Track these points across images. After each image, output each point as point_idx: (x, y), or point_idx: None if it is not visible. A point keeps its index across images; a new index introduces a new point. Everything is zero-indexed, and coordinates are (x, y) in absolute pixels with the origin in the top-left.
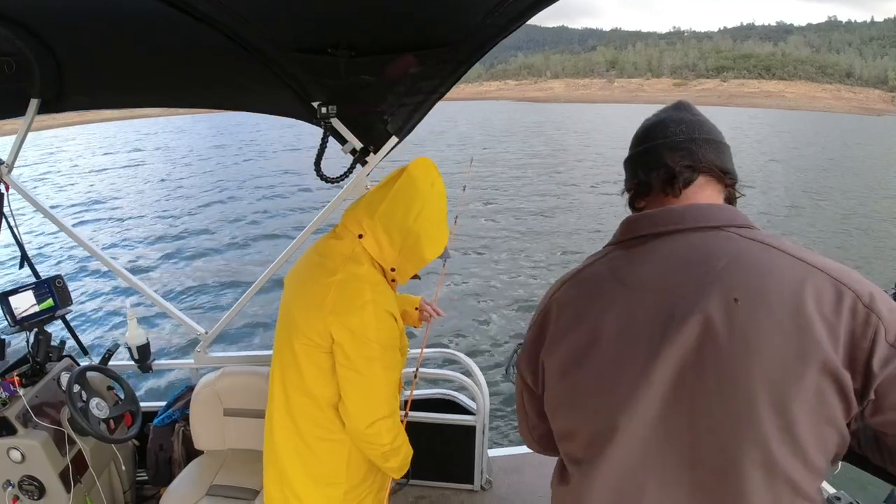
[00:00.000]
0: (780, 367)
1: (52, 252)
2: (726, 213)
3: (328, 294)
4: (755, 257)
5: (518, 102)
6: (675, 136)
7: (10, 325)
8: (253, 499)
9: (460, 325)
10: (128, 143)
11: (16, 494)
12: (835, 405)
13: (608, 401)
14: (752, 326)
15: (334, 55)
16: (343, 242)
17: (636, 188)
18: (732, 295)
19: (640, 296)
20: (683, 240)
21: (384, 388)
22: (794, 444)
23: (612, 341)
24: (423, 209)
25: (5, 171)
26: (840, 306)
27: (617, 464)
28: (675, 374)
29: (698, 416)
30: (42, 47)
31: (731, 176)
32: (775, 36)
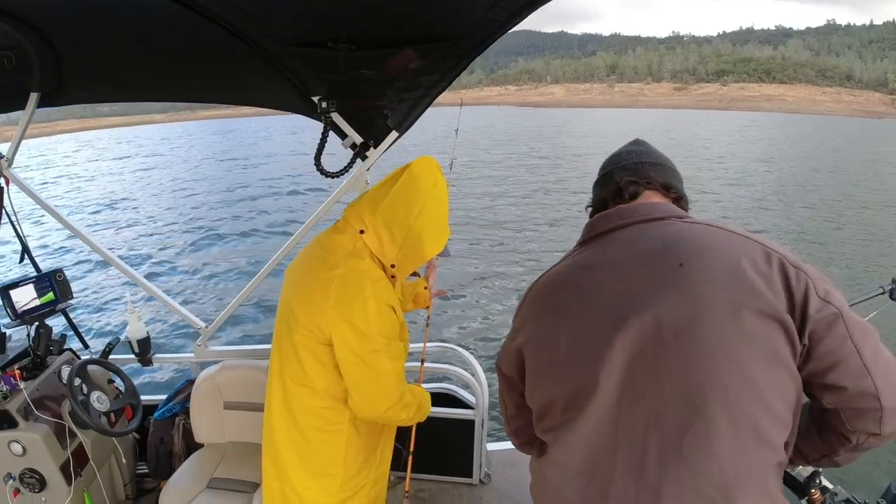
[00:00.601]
0: (725, 315)
1: (53, 246)
2: (668, 208)
3: (329, 289)
4: (694, 233)
5: (520, 108)
6: (626, 161)
7: (11, 318)
8: (253, 492)
9: (460, 320)
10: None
11: (17, 487)
12: (780, 344)
13: (581, 364)
14: (695, 285)
15: (334, 49)
16: (344, 237)
17: (595, 205)
18: (678, 261)
19: (601, 272)
20: (635, 229)
21: (393, 376)
22: (745, 377)
23: (581, 313)
24: (424, 207)
25: (5, 165)
26: (770, 264)
27: (591, 422)
28: (637, 336)
29: (660, 370)
30: (42, 41)
31: (675, 191)
32: (775, 40)
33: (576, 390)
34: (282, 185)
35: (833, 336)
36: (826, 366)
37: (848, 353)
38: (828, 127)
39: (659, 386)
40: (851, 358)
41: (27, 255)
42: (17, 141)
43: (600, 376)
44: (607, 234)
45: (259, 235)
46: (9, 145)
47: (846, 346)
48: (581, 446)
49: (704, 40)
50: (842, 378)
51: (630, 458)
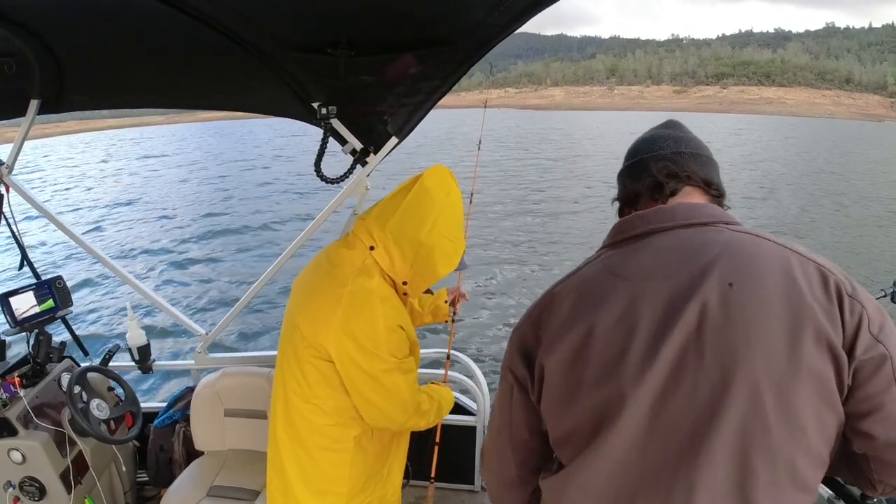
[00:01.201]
0: (780, 348)
1: (53, 253)
2: (714, 210)
3: (338, 307)
4: (745, 245)
5: (521, 111)
6: (662, 150)
7: (10, 326)
8: (253, 499)
9: (460, 325)
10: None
11: (16, 495)
12: (832, 382)
13: (609, 390)
14: (748, 308)
15: (334, 55)
16: (354, 253)
17: (625, 198)
18: (727, 280)
19: (637, 285)
20: (675, 235)
21: (407, 389)
22: (794, 428)
23: (610, 331)
24: (436, 222)
25: (5, 171)
26: (827, 289)
27: (618, 448)
28: (676, 360)
29: (699, 400)
30: (42, 48)
31: (717, 188)
32: (774, 42)
33: (604, 414)
34: (282, 190)
35: (878, 380)
36: (864, 410)
37: (890, 400)
38: (829, 130)
39: (697, 417)
40: (892, 406)
41: (27, 263)
42: (18, 147)
43: (629, 403)
44: (642, 237)
45: (260, 242)
46: (9, 152)
47: (890, 391)
48: (607, 471)
49: (704, 43)
50: (875, 426)
51: (658, 487)
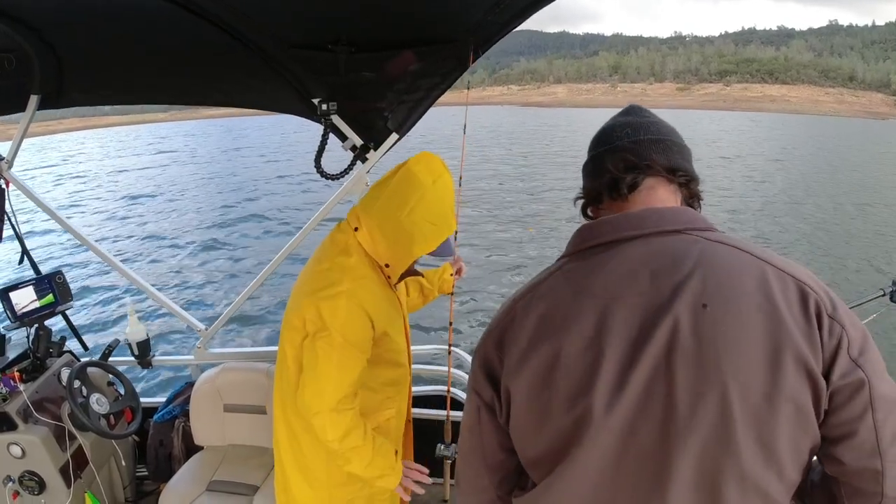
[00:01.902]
0: (756, 373)
1: (53, 248)
2: (686, 215)
3: (312, 282)
4: (720, 259)
5: (524, 107)
6: (619, 141)
7: (10, 320)
8: (252, 494)
9: (458, 322)
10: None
11: (16, 489)
12: (808, 407)
13: (578, 416)
14: (722, 333)
15: (334, 52)
16: (341, 235)
17: (586, 196)
18: (701, 301)
19: (604, 303)
20: (645, 245)
21: (336, 374)
22: (769, 455)
23: (579, 355)
24: (418, 204)
25: (5, 167)
26: (806, 308)
27: (590, 471)
28: (646, 385)
29: (670, 428)
30: (42, 43)
31: (684, 173)
32: (777, 40)
33: (574, 439)
34: (282, 186)
35: (853, 405)
36: (837, 435)
37: (863, 428)
38: (835, 128)
39: (666, 445)
40: (865, 434)
41: (27, 258)
42: (18, 143)
43: (600, 429)
44: (609, 246)
45: (260, 237)
46: (9, 148)
47: (865, 419)
48: (579, 494)
49: (706, 40)
50: (846, 452)
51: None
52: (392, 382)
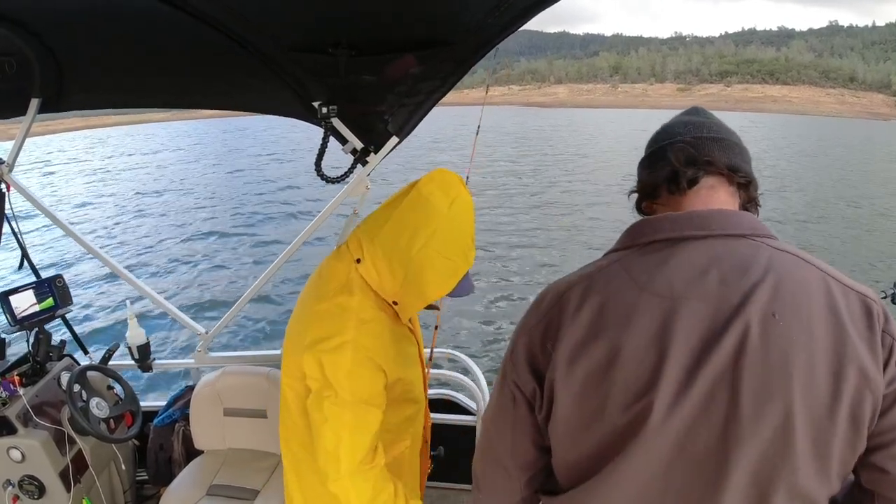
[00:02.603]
0: (819, 383)
1: (53, 251)
2: (750, 221)
3: (311, 325)
4: (789, 270)
5: (526, 108)
6: (682, 136)
7: (10, 324)
8: (253, 499)
9: (460, 324)
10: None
11: (16, 494)
12: (864, 421)
13: (637, 416)
14: (791, 343)
15: (334, 54)
16: (340, 265)
17: (642, 189)
18: (771, 309)
19: (670, 303)
20: (709, 247)
21: (347, 444)
22: (822, 467)
23: (642, 352)
24: (433, 236)
25: (6, 170)
26: (871, 322)
27: (641, 473)
28: (710, 390)
29: (730, 435)
30: (42, 47)
31: (743, 174)
32: (777, 41)
33: (628, 440)
34: (283, 189)
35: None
36: (879, 443)
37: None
38: (839, 129)
39: (724, 451)
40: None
41: (27, 261)
42: (18, 146)
43: (658, 431)
44: (670, 244)
45: (261, 241)
46: (9, 151)
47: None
48: (627, 497)
49: (707, 41)
50: (888, 460)
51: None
52: (408, 419)
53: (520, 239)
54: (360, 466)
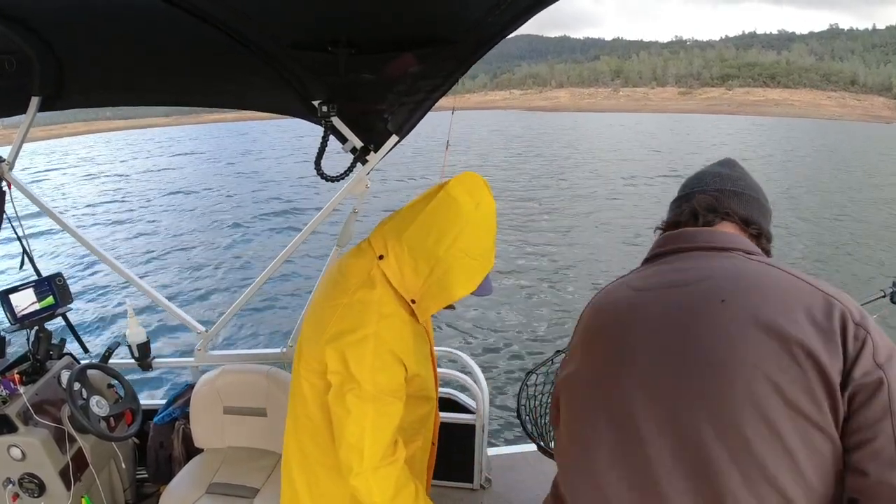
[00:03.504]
0: (761, 362)
1: (54, 250)
2: (736, 239)
3: (332, 319)
4: (751, 270)
5: (529, 112)
6: (707, 186)
7: (10, 322)
8: (252, 497)
9: (460, 323)
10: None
11: (16, 492)
12: (822, 405)
13: (607, 397)
14: (734, 325)
15: (334, 53)
16: (362, 261)
17: (666, 226)
18: (720, 297)
19: (643, 296)
20: (691, 256)
21: (370, 437)
22: (776, 440)
23: (619, 344)
24: (459, 236)
25: (6, 168)
26: (830, 316)
27: (617, 409)
28: (657, 374)
29: (682, 418)
30: (43, 45)
31: (756, 227)
32: (778, 44)
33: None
34: (285, 188)
35: (872, 407)
36: (858, 441)
37: (882, 432)
38: (842, 132)
39: (672, 437)
40: (885, 440)
41: (28, 259)
42: (19, 145)
43: (620, 416)
44: (666, 256)
45: (261, 239)
46: (10, 149)
47: (884, 424)
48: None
49: (707, 44)
50: (866, 460)
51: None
52: (421, 419)
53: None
54: (383, 460)
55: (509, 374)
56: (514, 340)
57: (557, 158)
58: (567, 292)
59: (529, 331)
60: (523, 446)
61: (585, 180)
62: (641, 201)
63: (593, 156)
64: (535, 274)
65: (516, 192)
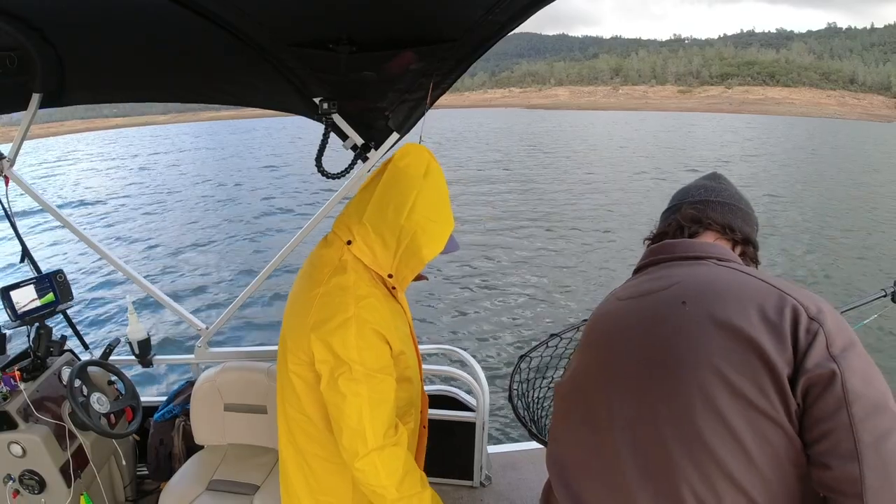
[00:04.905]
0: (713, 357)
1: (54, 246)
2: (714, 249)
3: (311, 309)
4: (715, 275)
5: (529, 110)
6: (692, 197)
7: (11, 319)
8: (253, 493)
9: (460, 321)
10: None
11: (16, 488)
12: (770, 395)
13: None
14: (693, 325)
15: (335, 51)
16: (331, 251)
17: (654, 237)
18: (682, 300)
19: (623, 306)
20: (668, 266)
21: (369, 417)
22: (728, 432)
23: (601, 347)
24: (416, 203)
25: (7, 165)
26: (781, 312)
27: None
28: (628, 373)
29: (644, 413)
30: (44, 42)
31: (740, 233)
32: (776, 42)
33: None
34: (286, 186)
35: (826, 399)
36: (815, 436)
37: (839, 425)
38: (845, 131)
39: (636, 437)
40: (842, 433)
41: (27, 257)
42: (19, 141)
43: (600, 418)
44: (650, 267)
45: (262, 236)
46: (10, 145)
47: (839, 416)
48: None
49: (706, 43)
50: (826, 454)
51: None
52: (407, 402)
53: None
54: (386, 439)
55: (509, 371)
56: (515, 338)
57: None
58: (568, 291)
59: (530, 331)
60: (523, 444)
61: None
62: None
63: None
64: (536, 269)
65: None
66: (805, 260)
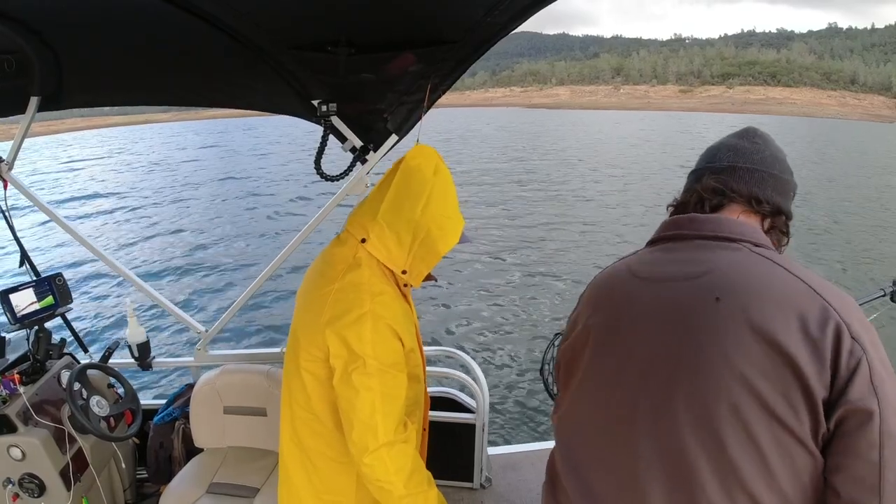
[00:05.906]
0: (746, 366)
1: (53, 249)
2: (743, 228)
3: (325, 305)
4: (752, 267)
5: (534, 109)
6: (719, 163)
7: (10, 322)
8: (252, 496)
9: (460, 323)
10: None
11: (16, 492)
12: (801, 415)
13: (606, 385)
14: (727, 324)
15: (334, 53)
16: (345, 248)
17: (676, 206)
18: (715, 294)
19: (649, 289)
20: (693, 246)
21: (381, 412)
22: (752, 446)
23: (620, 332)
24: (429, 199)
25: (5, 168)
26: (824, 328)
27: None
28: (654, 362)
29: (664, 413)
30: (42, 45)
31: (770, 205)
32: (777, 42)
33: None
34: (286, 187)
35: (861, 435)
36: (840, 463)
37: (867, 463)
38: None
39: (656, 436)
40: (868, 470)
41: (26, 260)
42: (18, 144)
43: (612, 405)
44: (671, 241)
45: (262, 238)
46: (9, 149)
47: (871, 454)
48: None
49: (707, 43)
50: (844, 483)
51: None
52: (414, 401)
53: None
54: (396, 435)
55: (509, 372)
56: (514, 340)
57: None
58: (569, 292)
59: (530, 328)
60: (524, 445)
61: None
62: None
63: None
64: (537, 270)
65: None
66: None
